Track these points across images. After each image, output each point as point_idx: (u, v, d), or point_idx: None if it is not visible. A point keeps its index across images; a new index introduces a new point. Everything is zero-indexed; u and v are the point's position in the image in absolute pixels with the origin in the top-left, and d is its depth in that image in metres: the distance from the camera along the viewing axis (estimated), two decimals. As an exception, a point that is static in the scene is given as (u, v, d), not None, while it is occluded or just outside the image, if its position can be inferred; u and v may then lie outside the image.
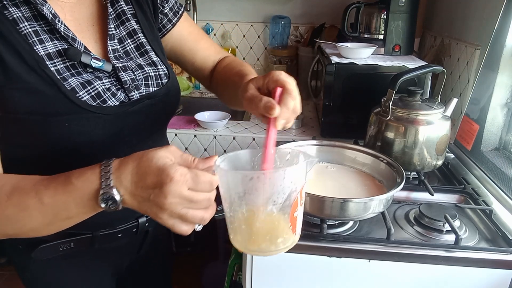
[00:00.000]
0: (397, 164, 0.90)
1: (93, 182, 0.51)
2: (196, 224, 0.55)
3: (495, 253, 0.78)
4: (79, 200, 0.52)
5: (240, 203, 0.53)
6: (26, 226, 0.55)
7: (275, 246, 0.55)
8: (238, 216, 0.54)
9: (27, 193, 0.53)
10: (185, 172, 0.50)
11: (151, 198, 0.49)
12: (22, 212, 0.54)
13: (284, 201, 0.53)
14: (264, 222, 0.54)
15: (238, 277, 1.02)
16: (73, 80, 0.63)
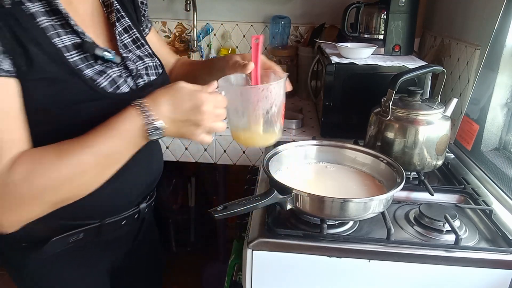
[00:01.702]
0: (397, 164, 0.91)
1: (136, 121, 0.62)
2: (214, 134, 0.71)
3: (495, 253, 0.78)
4: (130, 139, 0.63)
5: (243, 111, 0.73)
6: (80, 183, 0.62)
7: (265, 140, 0.78)
8: (240, 120, 0.74)
9: (76, 150, 0.60)
10: (208, 94, 0.65)
11: (191, 118, 0.64)
12: (77, 169, 0.60)
13: (270, 108, 0.73)
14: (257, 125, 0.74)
15: (238, 277, 1.02)
16: (88, 71, 0.68)
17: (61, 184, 0.61)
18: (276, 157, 0.96)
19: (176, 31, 2.05)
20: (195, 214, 2.15)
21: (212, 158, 1.52)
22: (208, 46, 2.05)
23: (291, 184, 0.80)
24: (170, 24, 2.04)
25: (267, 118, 0.74)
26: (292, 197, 0.80)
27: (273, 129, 0.77)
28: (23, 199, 0.59)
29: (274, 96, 0.72)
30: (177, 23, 2.04)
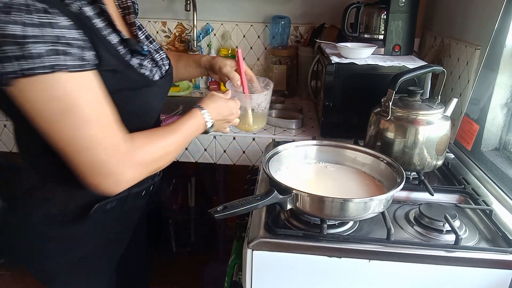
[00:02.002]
0: (397, 164, 0.91)
1: (201, 121, 0.88)
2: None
3: (495, 253, 0.78)
4: (196, 131, 0.88)
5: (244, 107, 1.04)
6: (172, 156, 0.83)
7: (257, 126, 1.09)
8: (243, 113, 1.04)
9: (172, 133, 0.82)
10: (233, 102, 0.96)
11: (227, 119, 0.95)
12: (173, 146, 0.82)
13: (258, 106, 1.06)
14: (253, 116, 1.06)
15: (238, 277, 1.02)
16: (134, 63, 0.80)
17: (165, 155, 0.80)
18: (276, 157, 0.96)
19: (176, 31, 2.05)
20: (195, 214, 2.15)
21: (212, 158, 1.52)
22: (208, 46, 2.05)
23: (291, 184, 0.80)
24: (170, 24, 2.04)
25: (254, 113, 1.07)
26: (292, 197, 0.80)
27: (259, 121, 1.10)
28: (138, 164, 0.74)
29: (258, 100, 1.06)
30: (177, 23, 2.04)
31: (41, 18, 0.62)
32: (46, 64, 0.62)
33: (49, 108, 0.65)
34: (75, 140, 0.68)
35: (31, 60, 0.61)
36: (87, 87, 0.68)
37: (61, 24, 0.64)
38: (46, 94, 0.64)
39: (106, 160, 0.70)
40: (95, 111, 0.69)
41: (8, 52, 0.60)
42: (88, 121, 0.68)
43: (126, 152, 0.73)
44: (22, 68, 0.61)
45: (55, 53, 0.63)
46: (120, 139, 0.72)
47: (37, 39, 0.61)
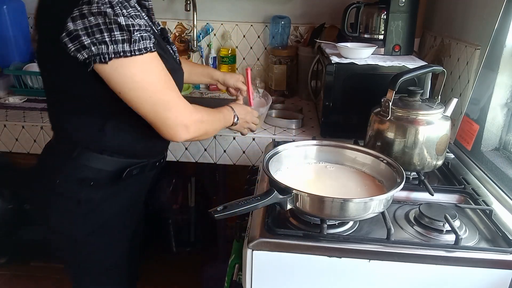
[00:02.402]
0: (397, 164, 0.91)
1: (231, 114, 1.13)
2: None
3: (495, 253, 0.78)
4: (227, 122, 1.13)
5: None
6: (214, 128, 1.05)
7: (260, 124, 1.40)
8: None
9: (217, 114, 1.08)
10: (255, 112, 1.24)
11: (248, 123, 1.22)
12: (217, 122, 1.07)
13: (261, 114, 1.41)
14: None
15: (238, 277, 1.02)
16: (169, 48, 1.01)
17: (211, 122, 1.03)
18: (276, 157, 0.96)
19: (176, 31, 2.05)
20: (195, 214, 2.15)
21: (212, 158, 1.52)
22: (208, 46, 2.05)
23: (291, 184, 0.80)
24: (170, 24, 2.04)
25: None
26: (292, 197, 0.80)
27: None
28: (199, 121, 0.96)
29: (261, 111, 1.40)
30: (177, 23, 2.04)
31: (133, 11, 0.82)
32: (141, 47, 0.82)
33: (139, 80, 0.84)
34: (165, 99, 0.88)
35: (134, 44, 0.81)
36: (159, 64, 0.88)
37: (141, 15, 0.86)
38: (138, 69, 0.83)
39: (182, 112, 0.91)
40: (168, 80, 0.90)
41: (117, 36, 0.79)
42: (168, 87, 0.90)
43: (192, 108, 0.95)
44: (123, 50, 0.80)
45: (145, 38, 0.83)
46: (185, 100, 0.94)
47: (135, 27, 0.80)
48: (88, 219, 1.01)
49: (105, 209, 1.01)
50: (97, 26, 0.78)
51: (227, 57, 1.98)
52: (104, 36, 0.78)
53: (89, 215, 1.00)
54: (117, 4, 0.78)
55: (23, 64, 1.85)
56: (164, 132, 0.91)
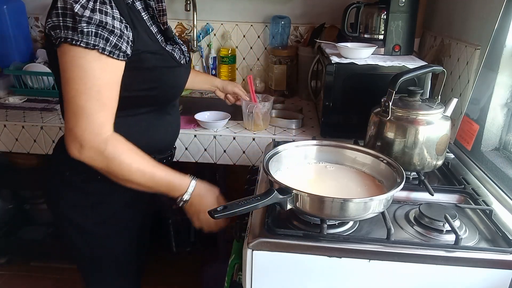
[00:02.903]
0: (397, 164, 0.90)
1: (181, 188, 0.96)
2: None
3: (495, 253, 0.78)
4: (170, 191, 0.95)
5: None
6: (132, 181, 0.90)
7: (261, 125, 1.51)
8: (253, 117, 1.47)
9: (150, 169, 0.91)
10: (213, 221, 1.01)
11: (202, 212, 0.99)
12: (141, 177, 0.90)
13: (262, 112, 1.49)
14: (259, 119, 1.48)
15: (238, 277, 1.02)
16: (168, 48, 0.98)
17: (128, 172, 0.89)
18: (276, 157, 0.96)
19: (176, 31, 2.05)
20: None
21: (212, 158, 1.52)
22: (208, 46, 2.05)
23: (291, 184, 0.80)
24: (170, 24, 2.03)
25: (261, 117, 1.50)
26: (292, 197, 0.80)
27: (264, 122, 1.53)
28: (103, 154, 0.85)
29: (264, 108, 1.51)
30: (177, 23, 2.04)
31: (98, 5, 0.80)
32: (89, 41, 0.79)
33: (73, 72, 0.81)
34: (77, 103, 0.82)
35: (80, 35, 0.79)
36: (107, 72, 0.83)
37: (111, 14, 0.82)
38: (77, 61, 0.80)
39: (85, 130, 0.83)
40: (104, 93, 0.84)
41: (67, 23, 0.79)
42: (93, 96, 0.82)
43: (104, 138, 0.85)
44: (72, 37, 0.79)
45: (99, 36, 0.80)
46: (108, 125, 0.86)
47: (90, 21, 0.79)
48: (97, 210, 1.03)
49: (113, 201, 1.03)
50: (56, 9, 0.79)
51: (227, 57, 1.98)
52: (59, 20, 0.79)
53: (97, 206, 1.03)
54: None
55: (23, 64, 1.86)
56: (65, 136, 0.86)
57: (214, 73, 2.07)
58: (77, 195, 1.02)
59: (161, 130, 1.05)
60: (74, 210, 1.03)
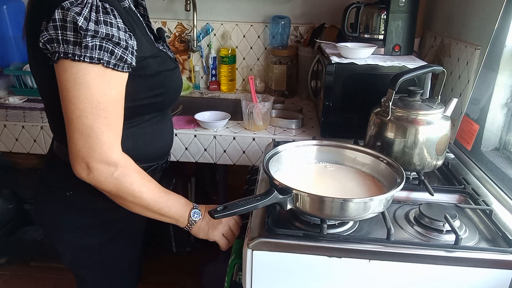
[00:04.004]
0: (397, 164, 0.90)
1: (186, 217, 0.94)
2: None
3: (495, 253, 0.78)
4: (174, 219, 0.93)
5: None
6: (137, 206, 0.86)
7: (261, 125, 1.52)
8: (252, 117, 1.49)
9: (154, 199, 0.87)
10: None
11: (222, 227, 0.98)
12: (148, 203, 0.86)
13: (262, 111, 1.50)
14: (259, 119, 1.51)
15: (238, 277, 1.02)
16: (163, 49, 0.94)
17: (137, 196, 0.85)
18: (276, 157, 0.96)
19: (176, 31, 2.05)
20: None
21: (212, 158, 1.52)
22: (208, 46, 2.05)
23: (291, 184, 0.80)
24: (170, 24, 2.04)
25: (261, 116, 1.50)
26: (292, 197, 0.80)
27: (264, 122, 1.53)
28: (112, 176, 0.81)
29: (264, 108, 1.50)
30: (177, 23, 2.04)
31: (102, 16, 0.74)
32: (93, 55, 0.74)
33: (77, 91, 0.75)
34: (84, 123, 0.77)
35: (84, 50, 0.73)
36: (113, 86, 0.79)
37: (115, 25, 0.76)
38: (81, 79, 0.75)
39: (94, 151, 0.78)
40: (111, 110, 0.79)
41: (68, 37, 0.73)
42: (100, 114, 0.77)
43: (114, 159, 0.81)
44: (73, 52, 0.73)
45: (103, 49, 0.75)
46: (117, 145, 0.82)
47: (96, 34, 0.73)
48: (104, 228, 0.99)
49: (120, 216, 0.96)
50: (54, 22, 0.73)
51: (227, 57, 1.98)
52: (58, 34, 0.73)
53: (104, 224, 0.99)
54: (87, 5, 0.73)
55: (23, 64, 1.86)
56: (71, 158, 0.80)
57: (214, 73, 2.07)
58: (82, 216, 0.96)
59: (164, 135, 1.02)
60: (79, 232, 0.98)
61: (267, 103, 1.50)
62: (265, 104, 1.50)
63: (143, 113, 0.93)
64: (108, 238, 1.01)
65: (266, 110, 1.50)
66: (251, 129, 1.51)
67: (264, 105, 1.49)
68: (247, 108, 1.48)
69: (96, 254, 1.02)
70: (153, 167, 1.01)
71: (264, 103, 1.50)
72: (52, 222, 1.00)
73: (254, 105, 1.47)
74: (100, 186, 0.82)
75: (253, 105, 1.47)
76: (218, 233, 0.96)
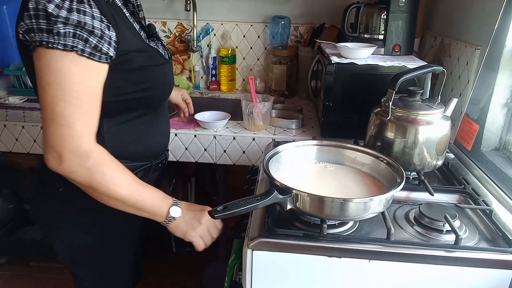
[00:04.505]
0: (397, 164, 0.91)
1: (164, 211, 0.90)
2: None
3: (495, 253, 0.78)
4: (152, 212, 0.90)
5: None
6: (112, 198, 0.84)
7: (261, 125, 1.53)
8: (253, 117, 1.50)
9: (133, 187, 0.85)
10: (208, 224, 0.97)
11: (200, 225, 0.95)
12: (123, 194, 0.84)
13: (262, 111, 1.50)
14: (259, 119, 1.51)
15: (238, 277, 1.02)
16: (152, 44, 0.94)
17: (111, 186, 0.82)
18: (276, 157, 0.96)
19: (176, 31, 2.05)
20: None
21: (212, 158, 1.52)
22: (208, 46, 2.05)
23: (291, 184, 0.80)
24: (170, 24, 2.04)
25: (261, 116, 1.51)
26: (292, 197, 0.80)
27: (264, 122, 1.53)
28: (84, 166, 0.79)
29: (264, 108, 1.51)
30: (177, 23, 2.04)
31: (75, 5, 0.74)
32: (67, 43, 0.74)
33: (50, 77, 0.75)
34: (55, 110, 0.76)
35: (57, 37, 0.73)
36: (88, 76, 0.77)
37: (90, 13, 0.76)
38: (54, 65, 0.74)
39: (64, 140, 0.76)
40: (85, 99, 0.78)
41: (41, 25, 0.73)
42: (73, 102, 0.76)
43: (86, 148, 0.79)
44: (47, 40, 0.73)
45: (77, 37, 0.75)
46: (90, 134, 0.80)
47: (67, 21, 0.73)
48: (98, 227, 0.99)
49: (114, 215, 0.94)
50: (28, 11, 0.73)
51: (227, 57, 1.98)
52: (32, 23, 0.73)
53: (98, 222, 0.98)
54: None
55: (23, 64, 1.86)
56: (43, 147, 0.79)
57: (214, 73, 2.07)
58: (76, 214, 0.96)
59: (157, 133, 1.02)
60: (74, 230, 0.99)
61: (267, 103, 1.50)
62: (265, 104, 1.50)
63: (131, 109, 0.92)
64: (103, 237, 1.01)
65: (266, 110, 1.50)
66: (251, 129, 1.51)
67: (264, 105, 1.50)
68: (247, 108, 1.48)
69: (92, 253, 1.02)
70: (146, 166, 1.00)
71: (264, 103, 1.50)
72: (48, 220, 1.01)
73: (254, 105, 1.48)
74: (72, 177, 0.80)
75: (253, 105, 1.47)
76: (196, 234, 0.94)
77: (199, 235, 0.94)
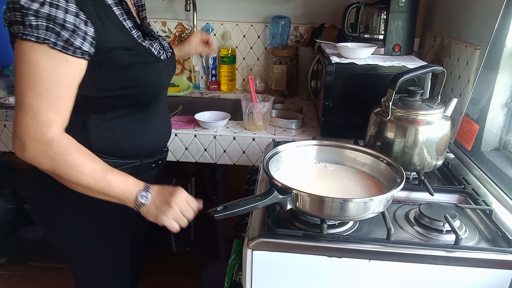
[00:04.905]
0: (397, 164, 0.91)
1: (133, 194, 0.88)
2: None
3: (495, 253, 0.78)
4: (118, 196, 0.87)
5: None
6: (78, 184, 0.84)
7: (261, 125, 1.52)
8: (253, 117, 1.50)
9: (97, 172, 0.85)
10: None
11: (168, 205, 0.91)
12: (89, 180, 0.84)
13: (262, 111, 1.50)
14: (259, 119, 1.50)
15: (238, 277, 1.02)
16: (145, 44, 0.94)
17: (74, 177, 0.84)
18: (276, 157, 0.96)
19: (176, 31, 2.05)
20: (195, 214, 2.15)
21: (212, 158, 1.52)
22: (208, 46, 2.05)
23: (291, 184, 0.80)
24: (170, 24, 2.04)
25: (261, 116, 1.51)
26: (292, 197, 0.80)
27: (264, 122, 1.53)
28: (47, 154, 0.81)
29: (264, 108, 1.50)
30: (177, 23, 2.04)
31: (61, 2, 0.76)
32: (39, 35, 0.76)
33: (22, 68, 0.78)
34: (24, 100, 0.79)
35: (30, 29, 0.75)
36: (60, 69, 0.79)
37: (63, 8, 0.77)
38: (26, 56, 0.77)
39: (28, 128, 0.79)
40: (55, 91, 0.79)
41: (17, 17, 0.76)
42: (41, 93, 0.78)
43: (49, 137, 0.80)
44: (23, 32, 0.76)
45: (49, 30, 0.76)
46: (55, 124, 0.81)
47: (37, 14, 0.75)
48: (91, 223, 1.00)
49: (104, 210, 0.97)
50: (7, 5, 0.77)
51: (227, 57, 1.98)
52: (10, 16, 0.77)
53: (91, 218, 1.00)
54: None
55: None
56: (13, 134, 0.83)
57: (214, 73, 2.07)
58: (71, 209, 0.98)
59: (149, 133, 1.01)
60: (68, 225, 1.00)
61: (267, 103, 1.50)
62: (265, 104, 1.50)
63: (118, 106, 0.93)
64: (96, 233, 1.02)
65: (266, 110, 1.50)
66: (251, 129, 1.51)
67: (264, 105, 1.50)
68: (247, 108, 1.48)
69: (87, 249, 1.04)
70: (134, 165, 0.99)
71: (264, 103, 1.50)
72: (48, 219, 1.03)
73: (254, 105, 1.48)
74: (37, 165, 0.83)
75: (253, 105, 1.48)
76: (167, 218, 0.92)
77: (172, 218, 0.93)
